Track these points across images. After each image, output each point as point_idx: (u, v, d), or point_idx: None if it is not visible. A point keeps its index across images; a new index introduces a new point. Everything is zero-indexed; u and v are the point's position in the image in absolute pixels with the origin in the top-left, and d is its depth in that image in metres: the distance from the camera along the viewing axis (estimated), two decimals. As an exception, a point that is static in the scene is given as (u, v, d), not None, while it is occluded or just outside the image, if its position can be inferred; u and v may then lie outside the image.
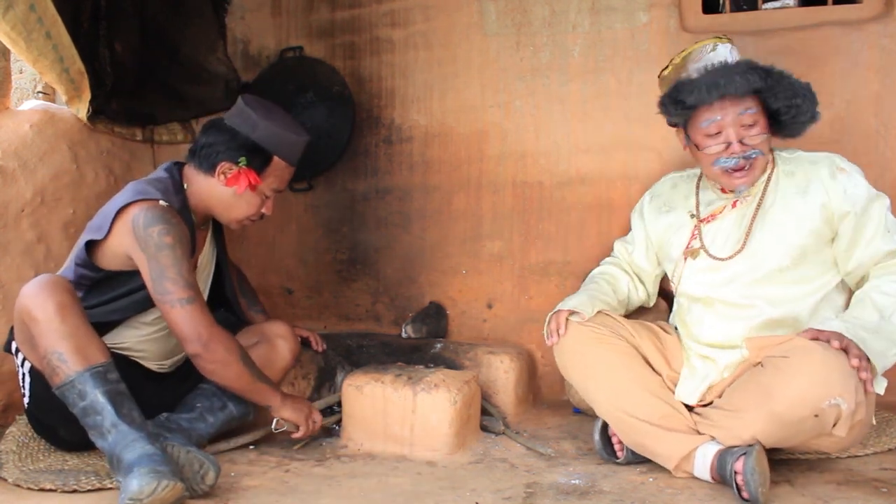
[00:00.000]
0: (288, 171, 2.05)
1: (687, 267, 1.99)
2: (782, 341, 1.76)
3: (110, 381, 1.69)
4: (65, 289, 1.73)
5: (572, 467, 1.93)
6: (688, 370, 1.94)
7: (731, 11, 2.58)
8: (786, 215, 1.86)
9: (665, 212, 2.09)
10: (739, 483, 1.62)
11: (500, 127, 2.75)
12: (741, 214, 1.93)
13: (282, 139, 1.98)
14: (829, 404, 1.59)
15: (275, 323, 2.27)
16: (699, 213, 2.00)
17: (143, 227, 1.80)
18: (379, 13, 2.91)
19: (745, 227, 1.90)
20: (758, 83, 1.78)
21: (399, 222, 2.91)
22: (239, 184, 1.95)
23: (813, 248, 1.83)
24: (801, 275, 1.84)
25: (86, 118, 2.37)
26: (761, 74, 1.78)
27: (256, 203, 2.02)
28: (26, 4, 2.05)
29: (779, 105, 1.82)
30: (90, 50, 2.38)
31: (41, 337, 1.68)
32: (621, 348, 1.93)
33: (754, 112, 1.82)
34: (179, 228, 1.85)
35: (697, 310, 1.98)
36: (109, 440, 1.63)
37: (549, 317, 2.03)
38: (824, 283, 1.86)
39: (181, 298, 1.80)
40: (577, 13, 2.65)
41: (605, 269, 2.21)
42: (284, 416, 1.99)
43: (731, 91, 1.78)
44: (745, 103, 1.81)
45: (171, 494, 1.53)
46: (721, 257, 1.92)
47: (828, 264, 1.86)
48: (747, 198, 1.92)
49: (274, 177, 2.02)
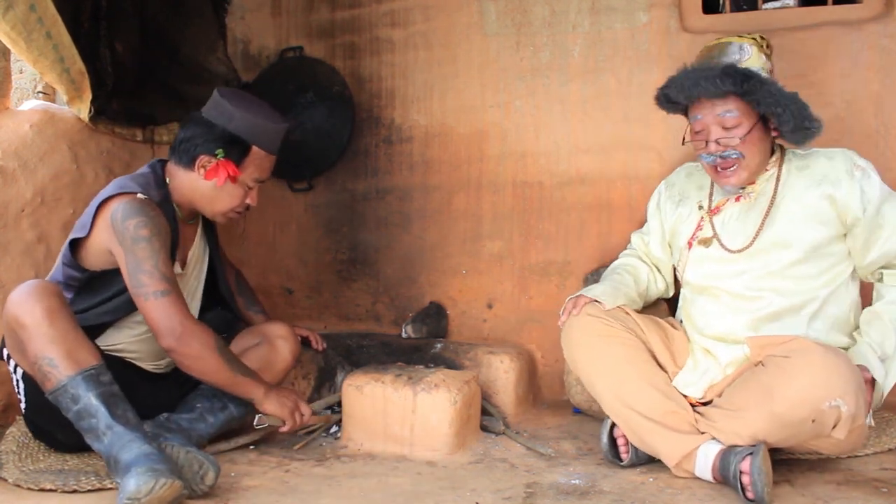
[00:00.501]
0: (268, 159, 2.02)
1: (692, 256, 2.01)
2: (784, 341, 1.76)
3: (103, 383, 1.68)
4: (52, 293, 1.71)
5: (572, 467, 1.93)
6: (692, 362, 1.95)
7: (731, 11, 2.58)
8: (798, 207, 1.87)
9: (678, 201, 2.12)
10: (745, 483, 1.62)
11: (500, 127, 2.75)
12: (748, 208, 1.94)
13: (259, 128, 1.96)
14: (830, 406, 1.59)
15: (275, 324, 2.27)
16: (710, 204, 2.02)
17: (120, 221, 1.80)
18: (379, 13, 2.91)
19: (757, 222, 1.91)
20: (730, 88, 1.80)
21: (399, 222, 2.91)
22: (218, 176, 1.93)
23: (825, 241, 1.85)
24: (813, 267, 1.86)
25: (87, 118, 2.37)
26: (736, 80, 1.79)
27: (239, 194, 1.99)
28: (26, 4, 2.05)
29: (762, 111, 1.83)
30: (91, 50, 2.38)
31: (30, 343, 1.67)
32: (629, 342, 1.93)
33: (735, 115, 1.84)
34: (157, 221, 1.84)
35: (702, 301, 1.99)
36: (105, 442, 1.63)
37: (568, 300, 2.05)
38: (835, 276, 1.88)
39: (155, 291, 1.79)
40: (577, 13, 2.65)
41: (625, 261, 2.23)
42: (268, 411, 1.95)
43: (702, 93, 1.84)
44: (725, 105, 1.84)
45: (169, 492, 1.53)
46: (732, 249, 1.94)
47: (839, 256, 1.88)
48: (751, 194, 1.94)
49: (254, 167, 1.98)
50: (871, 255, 1.85)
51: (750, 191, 1.95)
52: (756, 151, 1.88)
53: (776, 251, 1.88)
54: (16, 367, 1.83)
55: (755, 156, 1.88)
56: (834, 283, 1.87)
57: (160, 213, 1.87)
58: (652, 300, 2.23)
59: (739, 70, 1.81)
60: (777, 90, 1.80)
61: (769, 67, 1.92)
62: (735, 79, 1.79)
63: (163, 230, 1.85)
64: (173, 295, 1.81)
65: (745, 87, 1.80)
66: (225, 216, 2.04)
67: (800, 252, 1.85)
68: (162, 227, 1.85)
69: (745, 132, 1.84)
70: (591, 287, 2.09)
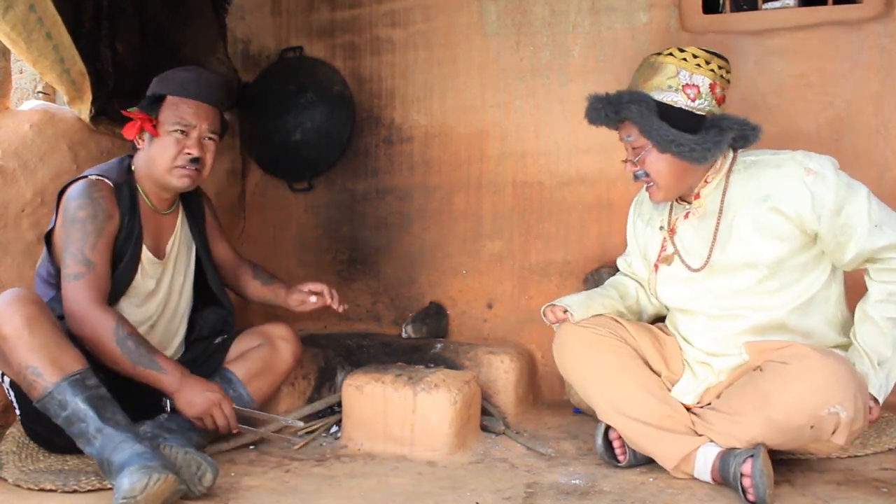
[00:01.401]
0: (185, 103, 1.97)
1: (659, 278, 1.99)
2: (783, 346, 1.75)
3: (89, 387, 1.67)
4: (31, 301, 1.70)
5: (572, 467, 1.93)
6: (689, 373, 1.94)
7: (731, 11, 2.58)
8: (749, 226, 1.80)
9: (647, 220, 2.08)
10: (746, 485, 1.62)
11: (500, 127, 2.76)
12: (699, 225, 1.90)
13: (173, 78, 1.99)
14: (829, 412, 1.59)
15: (276, 324, 2.27)
16: (669, 223, 1.99)
17: (66, 202, 1.86)
18: (379, 13, 2.91)
19: (709, 239, 1.87)
20: (603, 119, 1.86)
21: (399, 222, 2.91)
22: (132, 130, 1.95)
23: (788, 255, 1.78)
24: (781, 282, 1.79)
25: (89, 119, 2.37)
26: (609, 111, 1.83)
27: (170, 143, 1.96)
28: (26, 5, 2.05)
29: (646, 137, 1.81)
30: (92, 50, 2.38)
31: (13, 353, 1.65)
32: (621, 349, 1.93)
33: (632, 139, 1.84)
34: (98, 203, 1.86)
35: (684, 319, 1.97)
36: (97, 445, 1.62)
37: (543, 309, 2.08)
38: (808, 286, 1.81)
39: (71, 274, 1.81)
40: (577, 13, 2.65)
41: (614, 278, 2.22)
42: (178, 407, 1.86)
43: (597, 121, 1.88)
44: (626, 129, 1.85)
45: (163, 487, 1.53)
46: (693, 267, 1.90)
47: (809, 266, 1.81)
48: (698, 209, 1.91)
49: (170, 111, 1.96)
50: (848, 256, 1.76)
51: (697, 205, 1.90)
52: (662, 170, 1.82)
53: (737, 272, 1.82)
54: (3, 376, 1.83)
55: (662, 174, 1.83)
56: (812, 288, 1.81)
57: (108, 195, 1.89)
58: (651, 316, 2.17)
59: (619, 98, 1.82)
60: (645, 115, 1.77)
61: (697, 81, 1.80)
62: (616, 107, 1.82)
63: (102, 213, 1.87)
64: (86, 279, 1.81)
65: (624, 115, 1.81)
66: (171, 173, 1.98)
67: (764, 269, 1.78)
68: (102, 209, 1.87)
69: (641, 154, 1.83)
70: (563, 297, 2.08)
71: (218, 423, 1.88)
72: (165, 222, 2.07)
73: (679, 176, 1.85)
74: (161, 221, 2.05)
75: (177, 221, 2.11)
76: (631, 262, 2.17)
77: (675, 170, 1.83)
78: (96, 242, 1.85)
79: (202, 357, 2.15)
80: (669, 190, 1.87)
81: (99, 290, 1.83)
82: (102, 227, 1.86)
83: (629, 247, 2.18)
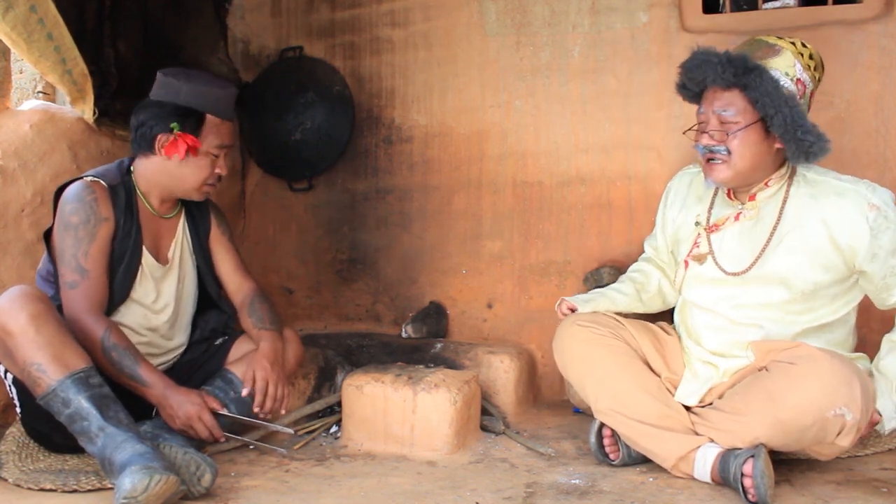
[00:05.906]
0: (225, 125, 2.00)
1: (688, 274, 1.97)
2: (790, 346, 1.75)
3: (93, 385, 1.67)
4: (36, 298, 1.70)
5: (572, 467, 1.93)
6: (690, 374, 1.93)
7: (731, 11, 2.57)
8: (801, 246, 1.76)
9: (679, 209, 2.04)
10: (747, 485, 1.62)
11: (501, 127, 2.75)
12: (749, 229, 1.85)
13: (208, 95, 1.96)
14: (835, 414, 1.58)
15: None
16: (708, 220, 1.94)
17: (61, 205, 1.88)
18: (379, 13, 2.91)
19: (757, 248, 1.82)
20: (730, 77, 1.70)
21: (399, 222, 2.91)
22: (178, 150, 1.92)
23: (825, 283, 1.77)
24: (808, 306, 1.79)
25: (91, 120, 2.37)
26: (738, 70, 1.70)
27: (205, 165, 1.98)
28: (27, 5, 2.05)
29: (762, 113, 1.71)
30: (95, 50, 2.38)
31: (17, 350, 1.66)
32: (620, 349, 1.92)
33: (732, 113, 1.74)
34: (92, 207, 1.87)
35: (700, 315, 1.95)
36: (99, 444, 1.62)
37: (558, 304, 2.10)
38: (831, 312, 1.80)
39: (66, 282, 1.84)
40: (577, 13, 2.65)
41: (637, 266, 2.19)
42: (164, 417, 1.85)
43: (704, 77, 1.75)
44: (727, 100, 1.75)
45: (164, 488, 1.53)
46: (728, 271, 1.86)
47: (839, 296, 1.80)
48: (751, 211, 1.85)
49: (212, 134, 1.97)
50: (893, 298, 1.74)
51: (750, 208, 1.85)
52: (746, 153, 1.75)
53: (773, 286, 1.80)
54: (6, 373, 1.83)
55: (744, 157, 1.76)
56: (833, 315, 1.80)
57: (102, 196, 1.89)
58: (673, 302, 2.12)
59: (745, 61, 1.70)
60: (775, 89, 1.68)
61: (805, 79, 1.76)
62: (737, 69, 1.70)
63: (94, 216, 1.87)
64: (80, 288, 1.84)
65: (745, 80, 1.69)
66: (199, 191, 2.02)
67: (797, 293, 1.77)
68: (94, 213, 1.87)
69: (738, 129, 1.74)
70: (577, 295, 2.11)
71: (201, 436, 1.87)
72: (166, 226, 2.07)
73: (757, 165, 1.78)
74: (161, 225, 2.05)
75: (178, 226, 2.11)
76: (657, 245, 2.14)
77: (759, 158, 1.77)
78: (89, 249, 1.86)
79: (203, 358, 2.15)
80: (739, 175, 1.78)
81: (92, 299, 1.85)
82: (95, 231, 1.87)
83: (656, 230, 2.14)
